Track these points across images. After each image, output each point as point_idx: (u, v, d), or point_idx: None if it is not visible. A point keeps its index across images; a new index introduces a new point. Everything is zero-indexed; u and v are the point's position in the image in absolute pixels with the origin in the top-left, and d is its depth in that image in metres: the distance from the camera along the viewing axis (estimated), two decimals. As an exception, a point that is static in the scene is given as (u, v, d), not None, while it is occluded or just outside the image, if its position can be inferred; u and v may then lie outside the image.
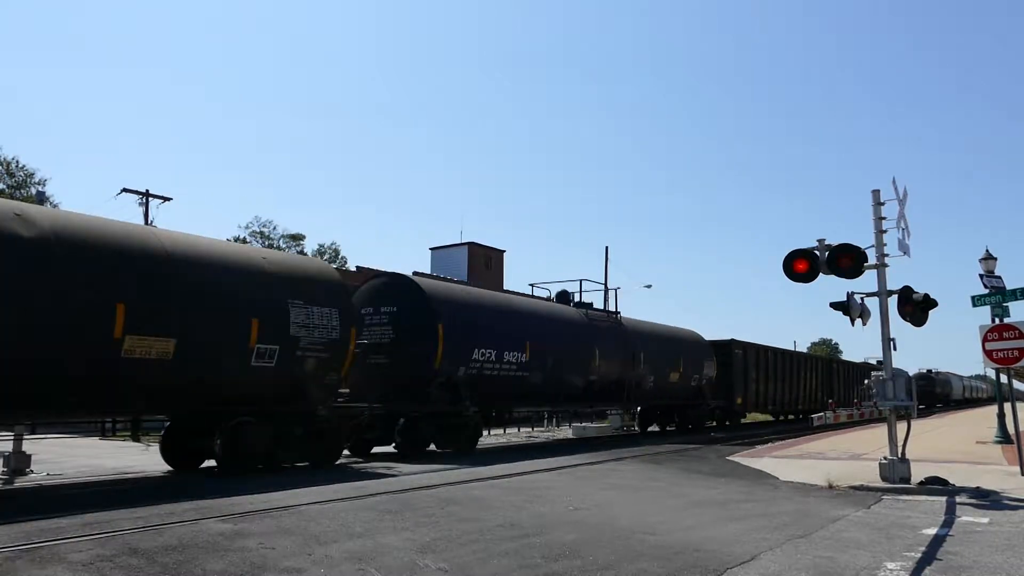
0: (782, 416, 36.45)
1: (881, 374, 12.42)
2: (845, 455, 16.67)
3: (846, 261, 12.17)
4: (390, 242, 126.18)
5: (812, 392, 36.70)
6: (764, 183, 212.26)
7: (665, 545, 7.22)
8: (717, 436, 25.54)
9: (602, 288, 23.25)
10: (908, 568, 6.48)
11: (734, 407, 30.33)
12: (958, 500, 10.49)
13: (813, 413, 20.14)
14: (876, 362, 10.98)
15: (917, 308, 12.68)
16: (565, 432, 28.41)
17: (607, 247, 55.16)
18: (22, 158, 54.19)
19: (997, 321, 15.09)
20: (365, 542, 7.01)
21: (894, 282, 12.52)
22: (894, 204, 12.50)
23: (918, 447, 14.47)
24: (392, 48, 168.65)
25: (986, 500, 10.44)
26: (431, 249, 53.93)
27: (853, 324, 12.70)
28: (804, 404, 35.83)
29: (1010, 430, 17.67)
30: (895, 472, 11.88)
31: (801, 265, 12.49)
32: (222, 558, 6.27)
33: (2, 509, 8.93)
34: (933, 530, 8.29)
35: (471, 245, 52.24)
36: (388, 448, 17.07)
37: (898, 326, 13.69)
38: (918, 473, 11.99)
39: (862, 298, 12.72)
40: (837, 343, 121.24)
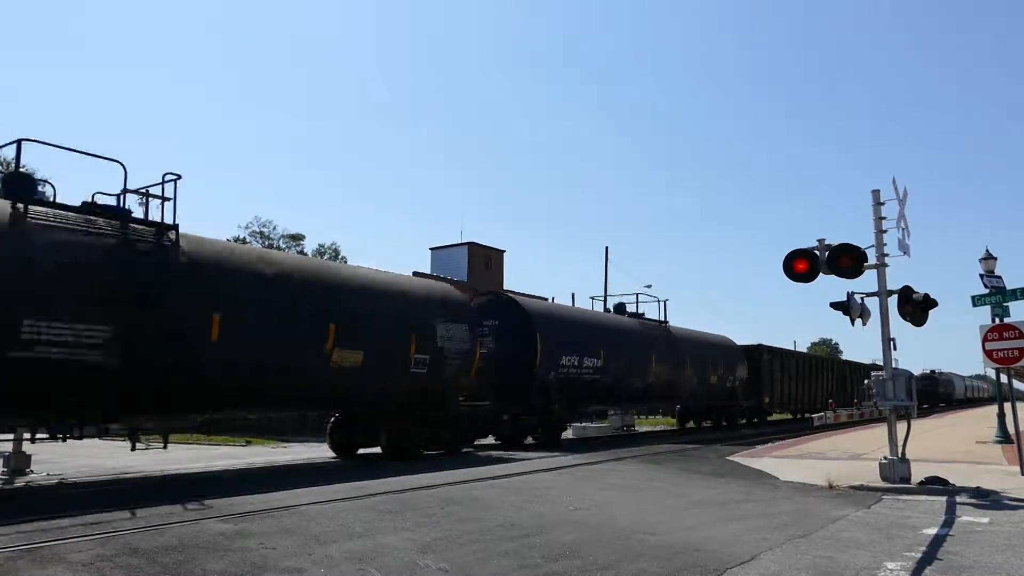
0: (799, 415, 38.15)
1: (881, 374, 12.42)
2: (845, 455, 16.67)
3: (846, 261, 12.17)
4: (390, 242, 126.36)
5: (828, 392, 39.37)
6: (764, 183, 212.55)
7: (665, 545, 7.22)
8: (747, 432, 27.97)
9: (656, 300, 27.69)
10: (908, 568, 6.48)
11: (762, 406, 33.26)
12: (958, 500, 10.48)
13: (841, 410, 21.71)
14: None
15: (917, 308, 12.67)
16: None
17: (607, 247, 54.86)
18: (22, 158, 54.01)
19: (997, 321, 15.08)
20: (365, 542, 7.02)
21: (894, 282, 12.54)
22: (894, 204, 12.52)
23: (918, 447, 14.46)
24: (392, 48, 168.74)
25: (986, 500, 10.43)
26: (431, 249, 53.78)
27: (853, 324, 12.70)
28: (821, 403, 38.46)
29: (1010, 430, 17.67)
30: (895, 472, 11.88)
31: (801, 265, 12.49)
32: (222, 558, 6.27)
33: (2, 509, 8.94)
34: (933, 530, 8.29)
35: (471, 245, 52.10)
36: (487, 440, 20.14)
37: (898, 326, 13.65)
38: (918, 473, 11.99)
39: (862, 298, 12.71)
40: (837, 343, 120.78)
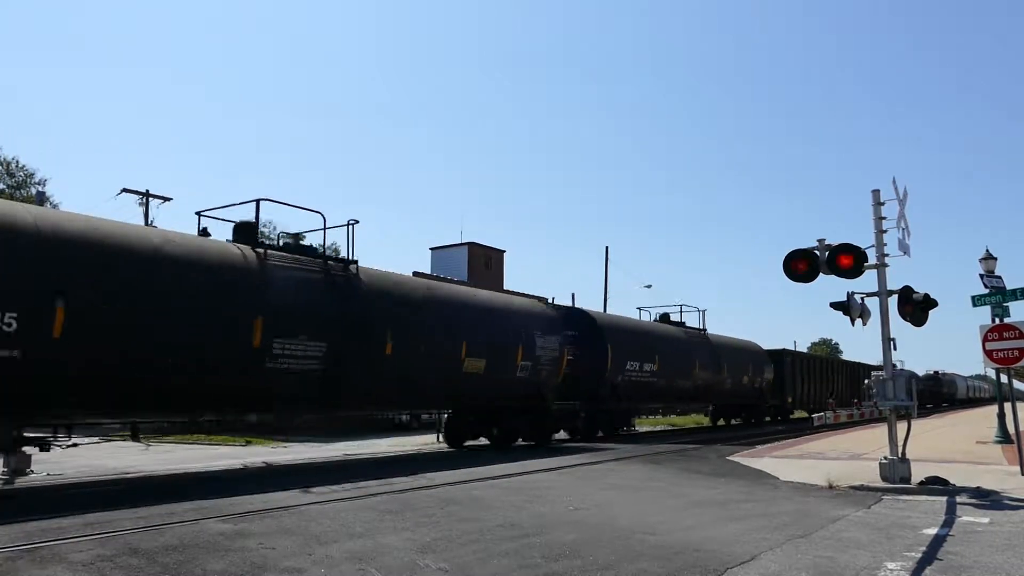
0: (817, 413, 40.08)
1: (881, 374, 12.40)
2: (845, 455, 16.67)
3: (846, 261, 12.15)
4: (390, 242, 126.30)
5: (841, 392, 42.43)
6: (764, 183, 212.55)
7: (665, 545, 7.22)
8: (779, 428, 30.76)
9: (696, 309, 30.77)
10: (908, 568, 6.47)
11: (785, 405, 37.02)
12: (958, 500, 10.47)
13: (842, 409, 23.67)
14: (895, 364, 11.18)
15: (917, 308, 12.66)
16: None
17: (607, 247, 54.95)
18: (22, 158, 53.83)
19: (997, 321, 15.07)
20: (365, 542, 7.02)
21: (894, 282, 12.52)
22: (894, 204, 12.49)
23: (918, 447, 14.45)
24: (392, 48, 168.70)
25: (986, 500, 10.43)
26: (431, 249, 53.84)
27: (853, 324, 12.68)
28: (835, 402, 41.00)
29: (1010, 430, 17.68)
30: (895, 472, 11.87)
31: (801, 265, 12.48)
32: (222, 558, 6.27)
33: (2, 509, 8.93)
34: (933, 530, 8.28)
35: (471, 245, 52.15)
36: (561, 435, 22.57)
37: (898, 326, 13.62)
38: (918, 473, 11.98)
39: (862, 298, 12.70)
40: (837, 343, 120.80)
